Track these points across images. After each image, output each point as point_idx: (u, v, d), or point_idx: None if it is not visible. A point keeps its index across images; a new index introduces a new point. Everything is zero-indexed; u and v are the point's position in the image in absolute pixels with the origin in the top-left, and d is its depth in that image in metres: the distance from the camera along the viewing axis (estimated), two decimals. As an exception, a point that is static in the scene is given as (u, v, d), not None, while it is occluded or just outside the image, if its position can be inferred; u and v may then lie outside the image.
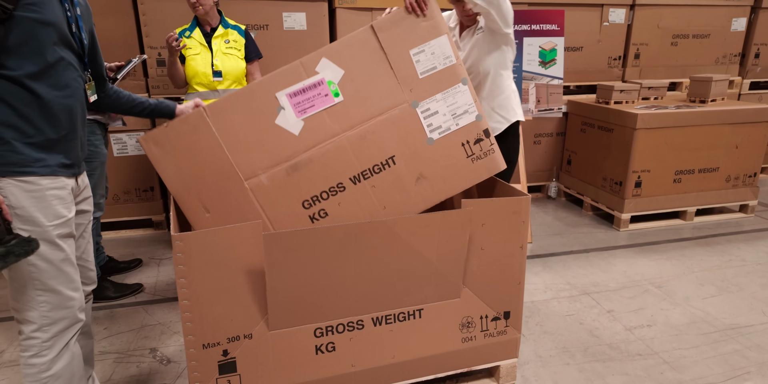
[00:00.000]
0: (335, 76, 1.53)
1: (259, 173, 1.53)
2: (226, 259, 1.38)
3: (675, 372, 1.91)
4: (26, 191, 1.21)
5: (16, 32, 1.15)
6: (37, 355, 1.29)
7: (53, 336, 1.30)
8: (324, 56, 1.51)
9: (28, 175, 1.21)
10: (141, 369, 1.96)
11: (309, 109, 1.52)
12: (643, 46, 3.93)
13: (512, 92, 2.21)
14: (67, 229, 1.30)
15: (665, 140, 3.24)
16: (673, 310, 2.36)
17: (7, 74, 1.16)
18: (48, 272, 1.26)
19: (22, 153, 1.20)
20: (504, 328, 1.76)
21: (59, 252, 1.27)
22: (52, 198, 1.25)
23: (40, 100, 1.21)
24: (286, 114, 1.52)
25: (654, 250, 3.04)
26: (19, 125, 1.19)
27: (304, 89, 1.52)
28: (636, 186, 3.30)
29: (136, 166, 3.26)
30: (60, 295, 1.29)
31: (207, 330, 1.42)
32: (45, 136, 1.23)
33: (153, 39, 3.10)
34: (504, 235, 1.65)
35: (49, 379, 1.31)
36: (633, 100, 3.52)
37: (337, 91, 1.54)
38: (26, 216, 1.22)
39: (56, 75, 1.23)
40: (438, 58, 1.58)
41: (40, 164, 1.23)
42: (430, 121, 1.61)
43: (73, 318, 1.33)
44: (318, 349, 1.56)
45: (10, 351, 2.08)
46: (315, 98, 1.52)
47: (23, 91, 1.18)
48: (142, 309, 2.41)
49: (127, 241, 3.24)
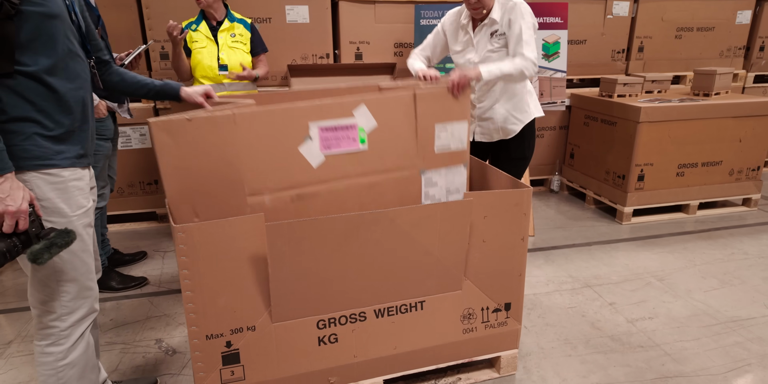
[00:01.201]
0: (368, 125, 1.61)
1: (264, 192, 1.53)
2: (229, 251, 1.39)
3: (676, 363, 1.93)
4: (50, 183, 1.24)
5: (26, 28, 1.15)
6: (55, 344, 1.32)
7: (71, 325, 1.33)
8: (365, 104, 1.59)
9: (51, 167, 1.24)
10: (147, 359, 1.98)
11: (334, 147, 1.58)
12: (647, 39, 3.91)
13: (527, 93, 2.20)
14: (88, 218, 1.33)
15: (668, 133, 3.24)
16: (674, 303, 2.36)
17: (24, 70, 1.17)
18: (70, 263, 1.29)
19: (44, 146, 1.22)
20: (505, 320, 1.78)
21: (81, 243, 1.31)
22: (74, 189, 1.28)
23: (56, 94, 1.22)
24: (311, 144, 1.55)
25: (656, 244, 3.04)
26: (39, 119, 1.21)
27: (336, 127, 1.57)
28: (639, 179, 3.29)
29: (141, 160, 3.28)
30: (80, 285, 1.32)
31: (210, 321, 1.43)
32: (63, 129, 1.25)
33: (156, 32, 3.10)
34: (505, 227, 1.66)
35: (65, 367, 1.34)
36: (636, 94, 3.51)
37: (364, 138, 1.61)
38: (52, 208, 1.25)
39: (68, 67, 1.24)
40: (455, 139, 1.75)
41: (61, 156, 1.25)
42: (428, 189, 1.77)
43: (90, 308, 1.37)
44: (321, 341, 1.58)
45: (18, 341, 2.11)
46: (343, 139, 1.58)
47: (40, 86, 1.20)
48: (148, 301, 2.43)
49: (132, 233, 3.27)
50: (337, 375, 1.63)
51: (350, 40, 3.36)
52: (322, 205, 1.60)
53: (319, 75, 3.24)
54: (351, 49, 3.38)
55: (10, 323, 2.25)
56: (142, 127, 3.22)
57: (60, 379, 1.35)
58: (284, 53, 3.29)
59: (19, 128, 1.19)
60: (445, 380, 1.81)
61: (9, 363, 1.96)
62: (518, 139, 2.24)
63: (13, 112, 1.18)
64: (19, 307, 2.38)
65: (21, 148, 1.19)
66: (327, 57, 3.37)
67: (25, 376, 1.88)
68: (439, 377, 1.82)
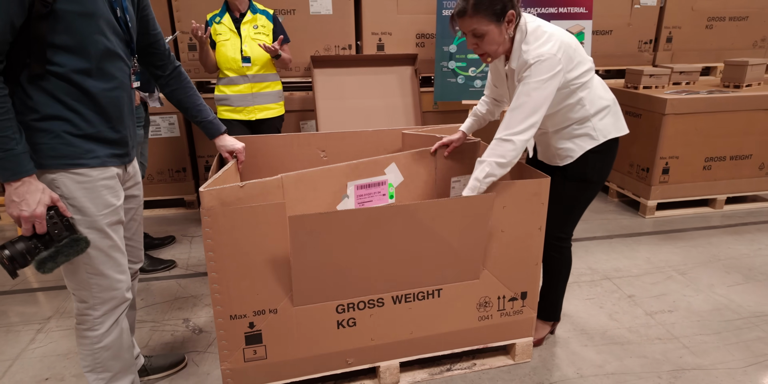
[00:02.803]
0: (396, 180, 1.76)
1: None
2: (252, 237, 1.45)
3: (694, 356, 1.92)
4: (78, 182, 1.24)
5: (59, 27, 1.13)
6: (90, 329, 1.39)
7: (104, 314, 1.38)
8: (394, 162, 1.74)
9: (80, 166, 1.23)
10: (175, 337, 2.08)
11: (366, 203, 1.70)
12: (675, 29, 3.81)
13: (590, 117, 1.68)
14: (115, 217, 1.33)
15: (695, 126, 3.17)
16: (696, 297, 2.34)
17: (55, 70, 1.16)
18: (98, 258, 1.31)
19: (73, 145, 1.22)
20: (520, 308, 1.80)
21: (108, 240, 1.32)
22: (102, 188, 1.28)
23: (89, 94, 1.21)
24: (348, 202, 1.67)
25: (680, 238, 3.00)
26: (70, 118, 1.20)
27: (370, 184, 1.70)
28: (663, 172, 3.24)
29: (170, 148, 3.38)
30: (109, 278, 1.35)
31: (234, 302, 1.50)
32: (95, 128, 1.24)
33: (185, 24, 3.18)
34: (524, 217, 1.68)
35: (100, 350, 1.41)
36: (663, 85, 3.44)
37: (393, 194, 1.77)
38: (78, 206, 1.26)
39: (102, 68, 1.22)
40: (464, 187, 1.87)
41: (91, 155, 1.25)
42: None
43: (121, 298, 1.40)
44: (339, 324, 1.63)
45: (56, 317, 2.24)
46: (374, 195, 1.72)
47: (71, 86, 1.18)
48: (176, 282, 2.53)
49: (161, 219, 3.39)
50: (355, 357, 1.69)
51: (372, 31, 3.38)
52: None
53: (341, 66, 3.28)
54: (373, 40, 3.41)
55: (49, 300, 2.38)
56: (170, 115, 3.32)
57: (96, 359, 1.43)
58: (307, 44, 3.34)
59: (49, 127, 1.18)
60: (460, 365, 1.85)
61: (48, 337, 2.09)
62: (577, 161, 1.74)
63: (44, 110, 1.17)
64: (56, 285, 2.51)
65: (50, 147, 1.19)
66: (349, 48, 3.40)
67: (63, 348, 2.00)
68: (454, 362, 1.86)
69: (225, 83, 2.72)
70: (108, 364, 1.45)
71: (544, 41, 1.52)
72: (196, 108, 1.61)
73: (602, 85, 1.74)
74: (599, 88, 1.71)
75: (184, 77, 1.58)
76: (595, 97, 1.68)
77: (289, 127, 3.44)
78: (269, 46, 2.56)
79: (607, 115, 1.71)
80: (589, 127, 1.69)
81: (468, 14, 1.50)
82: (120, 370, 1.48)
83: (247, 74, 2.68)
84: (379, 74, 3.31)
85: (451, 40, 3.11)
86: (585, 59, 1.64)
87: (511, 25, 1.53)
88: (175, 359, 1.86)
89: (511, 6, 1.51)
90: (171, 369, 1.83)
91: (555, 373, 1.83)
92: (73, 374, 1.85)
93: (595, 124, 1.69)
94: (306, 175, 1.54)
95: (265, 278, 1.50)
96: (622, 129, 1.75)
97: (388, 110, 3.30)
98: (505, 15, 1.50)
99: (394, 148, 2.14)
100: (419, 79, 3.37)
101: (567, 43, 1.55)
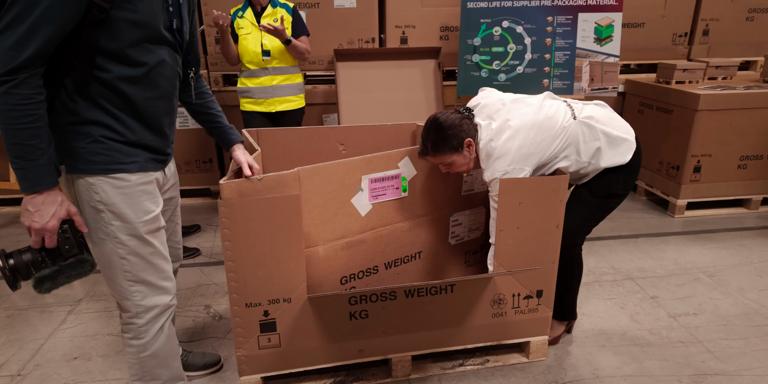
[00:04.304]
0: (409, 174, 1.76)
1: (320, 244, 1.62)
2: (267, 228, 1.47)
3: (718, 361, 1.86)
4: (117, 188, 1.22)
5: (110, 34, 1.11)
6: (136, 338, 1.37)
7: (148, 322, 1.35)
8: (408, 156, 1.73)
9: (119, 172, 1.21)
10: (196, 323, 2.14)
11: (380, 197, 1.71)
12: (713, 21, 3.65)
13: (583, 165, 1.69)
14: (155, 224, 1.30)
15: (730, 123, 3.04)
16: (723, 300, 2.26)
17: (100, 76, 1.14)
18: (138, 265, 1.29)
19: (113, 149, 1.20)
20: (536, 306, 1.77)
21: (148, 247, 1.29)
22: (141, 194, 1.26)
23: (130, 102, 1.19)
24: (362, 195, 1.66)
25: (710, 239, 2.89)
26: (110, 124, 1.19)
27: (383, 178, 1.70)
28: (695, 171, 3.13)
29: (197, 139, 3.47)
30: (151, 286, 1.32)
31: (249, 291, 1.53)
32: (135, 135, 1.23)
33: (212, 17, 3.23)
34: (541, 214, 1.65)
35: (147, 358, 1.40)
36: (697, 80, 3.31)
37: (406, 187, 1.76)
38: (117, 212, 1.23)
39: (147, 76, 1.20)
40: (477, 182, 1.96)
41: (130, 160, 1.22)
42: (454, 229, 1.97)
43: (165, 305, 1.37)
44: (352, 316, 1.65)
45: (87, 299, 2.34)
46: (388, 188, 1.72)
47: (114, 93, 1.17)
48: (199, 270, 2.60)
49: (187, 208, 3.48)
50: (367, 348, 1.70)
51: (396, 24, 3.36)
52: (367, 249, 1.74)
53: (364, 60, 3.28)
54: (397, 34, 3.39)
55: (81, 283, 2.48)
56: (196, 109, 3.39)
57: (143, 368, 1.41)
58: (331, 38, 3.35)
59: (88, 131, 1.17)
60: (473, 361, 1.84)
61: (78, 318, 2.18)
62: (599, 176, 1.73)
63: (85, 115, 1.16)
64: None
65: (89, 151, 1.18)
66: (372, 41, 3.40)
67: (91, 330, 2.09)
68: (467, 357, 1.85)
69: (246, 76, 2.78)
70: (156, 373, 1.43)
71: (509, 136, 1.58)
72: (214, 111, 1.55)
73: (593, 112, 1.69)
74: (580, 135, 1.66)
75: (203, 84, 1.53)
76: (581, 150, 1.67)
77: (311, 119, 3.46)
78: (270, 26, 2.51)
79: (604, 153, 1.68)
80: (593, 167, 1.70)
81: (430, 154, 1.63)
82: (169, 379, 1.47)
83: (267, 67, 2.72)
84: (402, 68, 3.29)
85: (476, 32, 3.07)
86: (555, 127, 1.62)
87: (471, 148, 1.62)
88: (211, 359, 1.83)
89: (465, 135, 1.59)
90: (205, 369, 1.81)
91: (570, 372, 1.80)
92: (99, 354, 1.93)
93: (597, 164, 1.69)
94: (321, 168, 1.55)
95: (280, 268, 1.52)
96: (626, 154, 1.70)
97: (410, 104, 3.28)
98: (463, 144, 1.60)
99: (412, 141, 2.13)
100: (442, 73, 3.33)
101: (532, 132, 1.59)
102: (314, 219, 1.57)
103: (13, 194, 3.44)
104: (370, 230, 1.72)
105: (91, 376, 1.82)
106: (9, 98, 1.03)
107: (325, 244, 1.62)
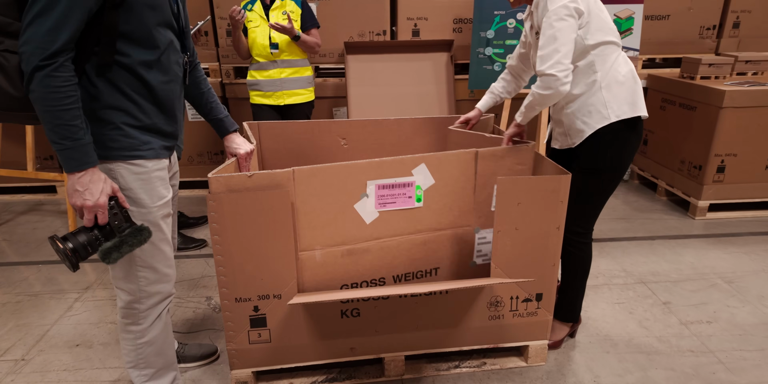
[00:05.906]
0: (426, 182, 1.60)
1: (317, 248, 1.56)
2: (255, 223, 1.45)
3: (729, 373, 1.76)
4: (135, 173, 1.25)
5: (128, 17, 1.14)
6: (134, 324, 1.40)
7: (148, 308, 1.39)
8: (424, 162, 1.58)
9: (138, 158, 1.25)
10: (196, 314, 2.15)
11: (389, 205, 1.58)
12: (744, 13, 3.46)
13: (601, 88, 1.63)
14: (167, 209, 1.35)
15: (758, 121, 2.88)
16: (741, 309, 2.15)
17: (122, 61, 1.17)
18: (148, 251, 1.32)
19: (132, 137, 1.23)
20: (535, 310, 1.71)
21: (160, 232, 1.33)
22: (156, 179, 1.29)
23: (149, 86, 1.22)
24: (367, 202, 1.56)
25: (732, 243, 2.76)
26: (129, 109, 1.22)
27: (393, 185, 1.57)
28: (718, 171, 2.98)
29: (209, 131, 3.48)
30: (157, 272, 1.36)
31: (239, 285, 1.52)
32: (151, 120, 1.26)
33: (224, 10, 3.23)
34: (540, 215, 1.59)
35: (143, 345, 1.43)
36: (724, 76, 3.15)
37: (421, 197, 1.61)
38: (134, 198, 1.26)
39: (161, 61, 1.24)
40: None
41: (147, 147, 1.26)
42: (481, 247, 1.76)
43: (167, 292, 1.41)
44: (343, 314, 1.62)
45: (95, 286, 2.38)
46: (399, 197, 1.59)
47: (134, 77, 1.20)
48: (204, 261, 2.62)
49: (199, 199, 3.52)
50: (359, 346, 1.67)
51: (408, 16, 3.29)
52: (372, 259, 1.63)
53: (374, 53, 3.23)
54: (408, 26, 3.32)
55: (93, 269, 2.53)
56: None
57: (139, 355, 1.44)
58: (342, 30, 3.30)
59: (109, 117, 1.20)
60: (469, 363, 1.79)
61: (85, 305, 2.22)
62: (588, 145, 1.67)
63: (106, 100, 1.19)
64: (97, 260, 2.67)
65: (109, 138, 1.21)
66: (384, 34, 3.34)
67: (95, 318, 2.12)
68: (463, 359, 1.81)
69: (256, 68, 2.77)
70: (151, 360, 1.46)
71: None
72: (211, 99, 1.56)
73: (626, 63, 1.68)
74: (619, 62, 1.65)
75: (200, 74, 1.54)
76: (608, 68, 1.64)
77: (321, 113, 3.43)
78: (278, 25, 2.50)
79: (621, 90, 1.64)
80: (600, 101, 1.63)
81: None
82: (162, 367, 1.50)
83: (276, 60, 2.70)
84: (413, 61, 3.23)
85: (489, 25, 2.98)
86: (607, 29, 1.63)
87: None
88: (207, 350, 1.85)
89: None
90: (203, 360, 1.83)
91: (570, 378, 1.74)
92: (100, 342, 1.96)
93: (606, 97, 1.63)
94: (320, 170, 1.48)
95: (269, 264, 1.50)
96: (638, 109, 1.65)
97: (421, 98, 3.22)
98: None
99: (416, 137, 2.08)
100: (454, 66, 3.26)
101: None
102: (310, 222, 1.52)
103: (30, 182, 3.52)
104: (376, 239, 1.60)
105: (90, 363, 1.85)
106: (52, 81, 1.07)
107: (323, 249, 1.56)
